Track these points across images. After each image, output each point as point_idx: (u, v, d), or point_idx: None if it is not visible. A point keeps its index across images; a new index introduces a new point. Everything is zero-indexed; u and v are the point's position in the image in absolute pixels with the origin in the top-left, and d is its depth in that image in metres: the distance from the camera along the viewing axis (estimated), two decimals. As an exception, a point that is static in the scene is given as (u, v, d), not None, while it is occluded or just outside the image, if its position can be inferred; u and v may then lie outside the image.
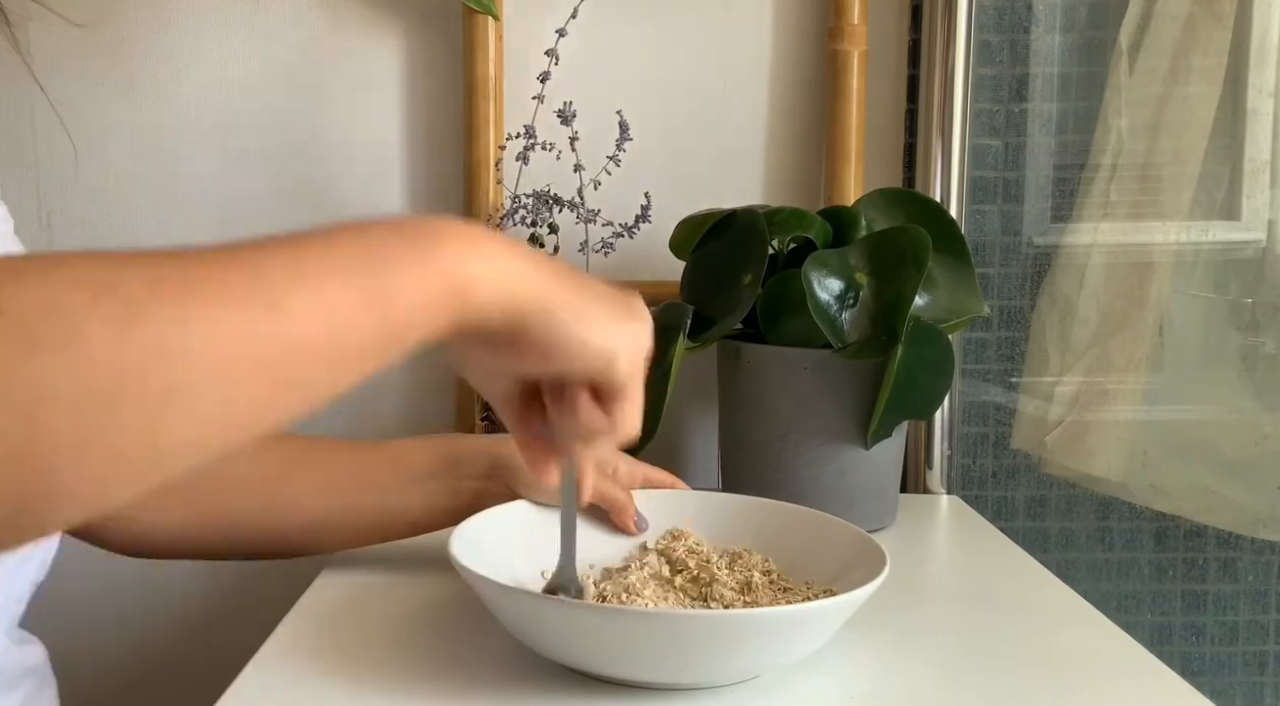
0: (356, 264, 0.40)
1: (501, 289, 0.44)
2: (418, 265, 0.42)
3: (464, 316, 0.43)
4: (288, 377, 0.38)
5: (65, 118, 1.04)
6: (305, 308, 0.38)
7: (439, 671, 0.63)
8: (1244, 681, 1.16)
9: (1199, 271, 1.09)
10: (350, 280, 0.40)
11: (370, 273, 0.40)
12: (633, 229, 0.95)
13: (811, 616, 0.58)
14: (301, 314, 0.38)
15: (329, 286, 0.39)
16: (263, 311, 0.37)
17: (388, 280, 0.40)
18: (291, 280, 0.38)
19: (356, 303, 0.39)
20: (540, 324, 0.45)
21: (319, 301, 0.38)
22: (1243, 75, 1.05)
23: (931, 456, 1.04)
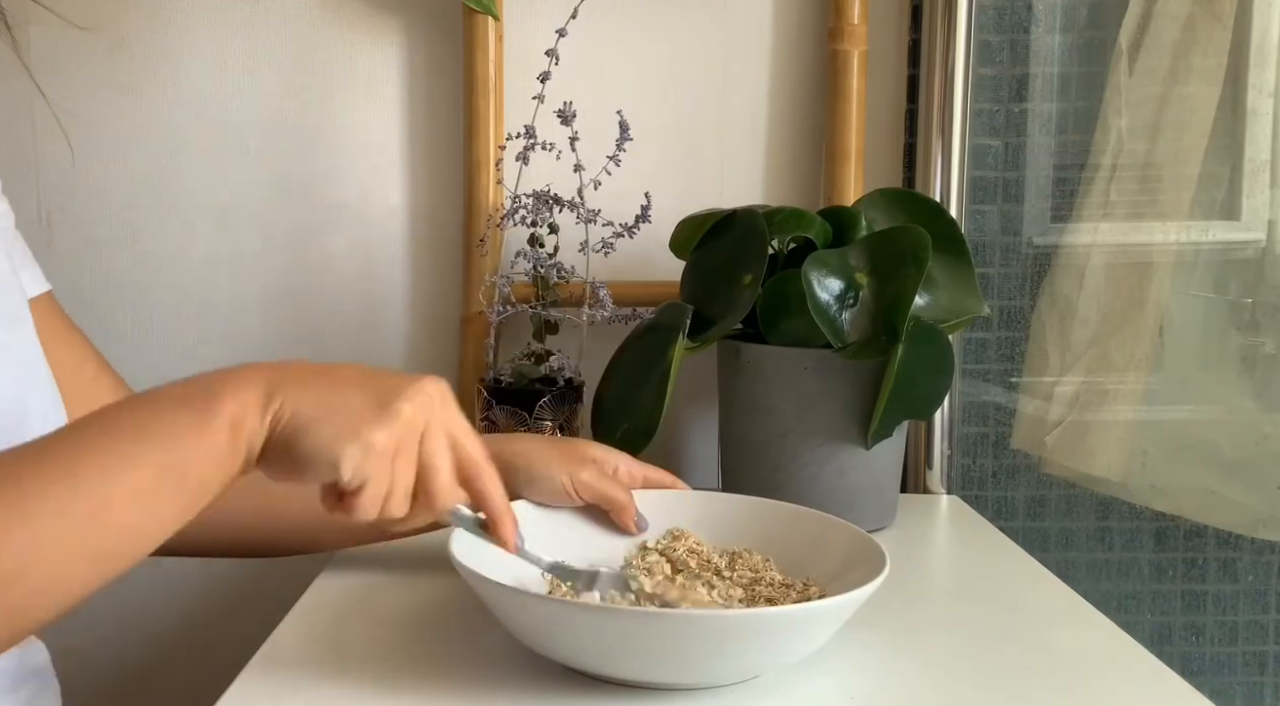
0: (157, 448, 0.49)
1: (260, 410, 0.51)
2: (205, 431, 0.50)
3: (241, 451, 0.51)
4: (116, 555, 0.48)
5: (66, 117, 1.04)
6: (122, 501, 0.47)
7: (439, 671, 0.63)
8: (1244, 681, 1.16)
9: (1199, 271, 1.09)
10: (153, 465, 0.48)
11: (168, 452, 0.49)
12: (633, 229, 0.95)
13: (811, 616, 0.58)
14: (120, 506, 0.47)
15: (137, 477, 0.48)
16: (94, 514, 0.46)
17: (183, 454, 0.49)
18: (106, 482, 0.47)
19: (161, 484, 0.48)
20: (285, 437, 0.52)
21: (132, 492, 0.47)
22: (1243, 75, 1.05)
23: (931, 456, 1.04)
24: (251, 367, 0.53)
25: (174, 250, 1.06)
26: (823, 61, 1.05)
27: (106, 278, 1.06)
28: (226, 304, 1.07)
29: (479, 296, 1.00)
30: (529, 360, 0.96)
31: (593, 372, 0.95)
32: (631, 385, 0.90)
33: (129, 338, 1.06)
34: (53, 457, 0.47)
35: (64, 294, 0.81)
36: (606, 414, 0.92)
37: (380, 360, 1.08)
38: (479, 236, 1.01)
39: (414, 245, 1.07)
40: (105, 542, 0.47)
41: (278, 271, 1.07)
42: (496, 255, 1.03)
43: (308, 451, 0.52)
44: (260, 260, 1.07)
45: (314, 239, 1.07)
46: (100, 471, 0.47)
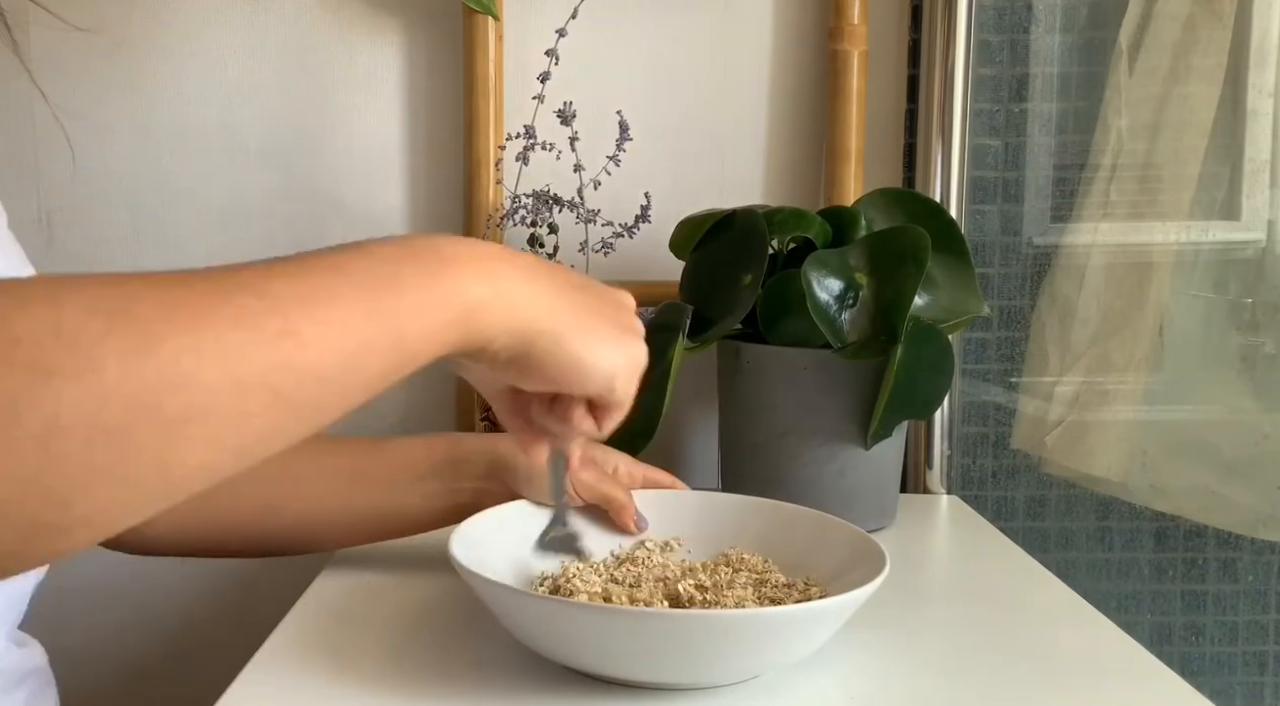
0: (367, 289, 0.40)
1: (508, 315, 0.45)
2: (427, 291, 0.42)
3: (470, 340, 0.44)
4: (299, 402, 0.38)
5: (66, 117, 1.04)
6: (318, 334, 0.38)
7: (439, 671, 0.63)
8: (1244, 681, 1.16)
9: (1199, 271, 1.09)
10: (361, 306, 0.40)
11: (381, 298, 0.40)
12: (633, 229, 0.95)
13: (811, 616, 0.58)
14: (314, 340, 0.38)
15: (340, 313, 0.39)
16: (276, 338, 0.37)
17: (398, 306, 0.41)
18: (303, 305, 0.38)
19: (368, 329, 0.40)
20: (546, 350, 0.47)
21: (331, 328, 0.39)
22: (1243, 75, 1.05)
23: (931, 456, 1.04)
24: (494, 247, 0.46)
25: (174, 250, 1.06)
26: (823, 61, 1.05)
27: (106, 278, 1.06)
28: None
29: (479, 296, 1.00)
30: (529, 360, 0.96)
31: (593, 373, 0.95)
32: (631, 385, 0.90)
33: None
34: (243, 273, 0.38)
35: (64, 294, 0.81)
36: (606, 414, 0.92)
37: (380, 360, 1.08)
38: (479, 236, 1.01)
39: (414, 245, 1.07)
40: (289, 380, 0.37)
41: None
42: (496, 255, 1.03)
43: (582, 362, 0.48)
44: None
45: (314, 239, 1.07)
46: (297, 296, 0.38)
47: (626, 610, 0.60)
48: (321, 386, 0.38)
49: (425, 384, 1.08)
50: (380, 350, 0.40)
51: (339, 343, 0.39)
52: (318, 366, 0.38)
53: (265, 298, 0.37)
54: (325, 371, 0.38)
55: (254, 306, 0.37)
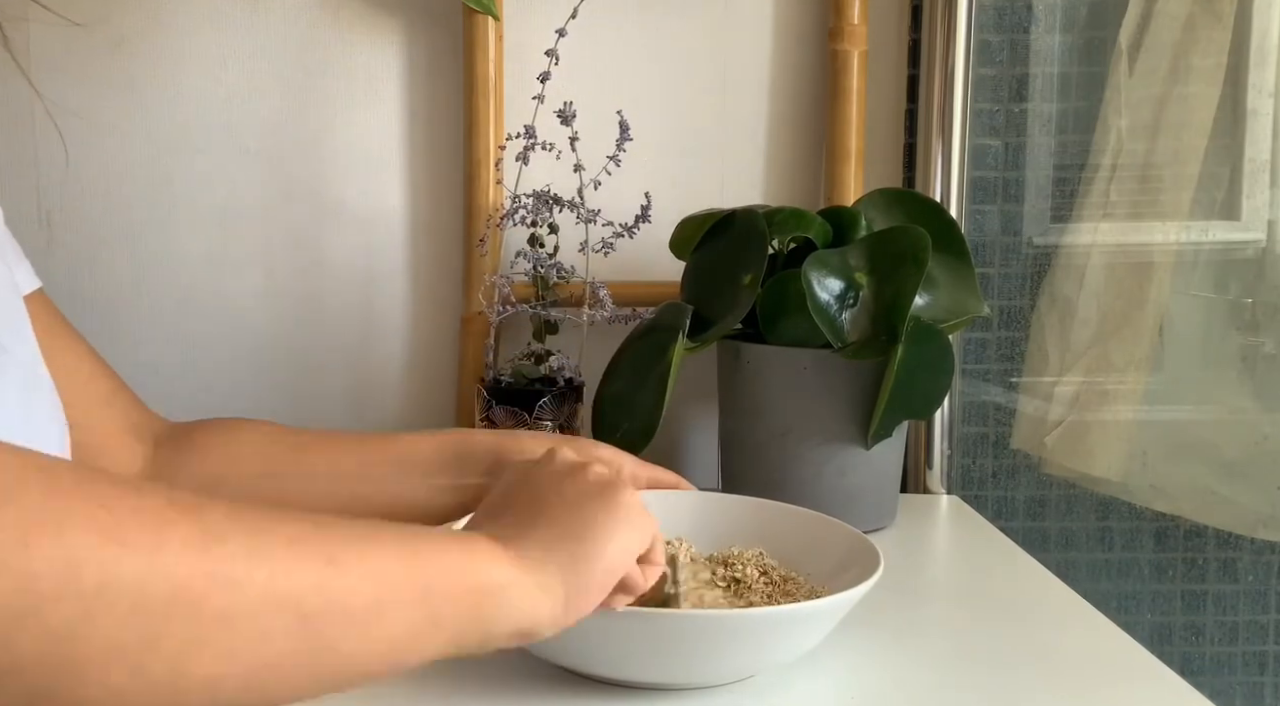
0: (406, 544, 0.43)
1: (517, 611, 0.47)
2: (457, 559, 0.45)
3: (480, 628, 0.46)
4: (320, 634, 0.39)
5: (66, 117, 1.04)
6: (357, 569, 0.40)
7: (438, 670, 0.62)
8: (1244, 681, 1.16)
9: (1199, 271, 1.09)
10: (399, 554, 0.42)
11: (417, 554, 0.43)
12: (633, 229, 0.95)
13: (804, 616, 0.58)
14: (353, 574, 0.40)
15: (381, 555, 0.41)
16: (323, 564, 0.39)
17: (431, 565, 0.43)
18: (349, 543, 0.41)
19: (401, 577, 0.42)
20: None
21: (370, 567, 0.41)
22: (1243, 75, 1.05)
23: (931, 456, 1.04)
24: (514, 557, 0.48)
25: (174, 250, 1.06)
26: (823, 61, 1.05)
27: (106, 278, 1.06)
28: (226, 304, 1.07)
29: (479, 296, 1.00)
30: (529, 360, 0.96)
31: (593, 372, 0.95)
32: (631, 385, 0.90)
33: (129, 338, 1.06)
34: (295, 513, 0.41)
35: (64, 294, 0.81)
36: (606, 414, 0.92)
37: (380, 360, 1.08)
38: (479, 236, 1.01)
39: (414, 245, 1.07)
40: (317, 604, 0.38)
41: (278, 271, 1.07)
42: (496, 255, 1.03)
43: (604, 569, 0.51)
44: (260, 260, 1.07)
45: (314, 239, 1.07)
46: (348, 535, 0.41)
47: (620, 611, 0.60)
48: (346, 623, 0.40)
49: (426, 384, 1.08)
50: (407, 601, 0.42)
51: (374, 584, 0.41)
52: (348, 600, 0.40)
53: (320, 527, 0.40)
54: (353, 607, 0.40)
55: (308, 531, 0.40)
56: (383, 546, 0.42)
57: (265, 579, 0.37)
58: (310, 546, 0.39)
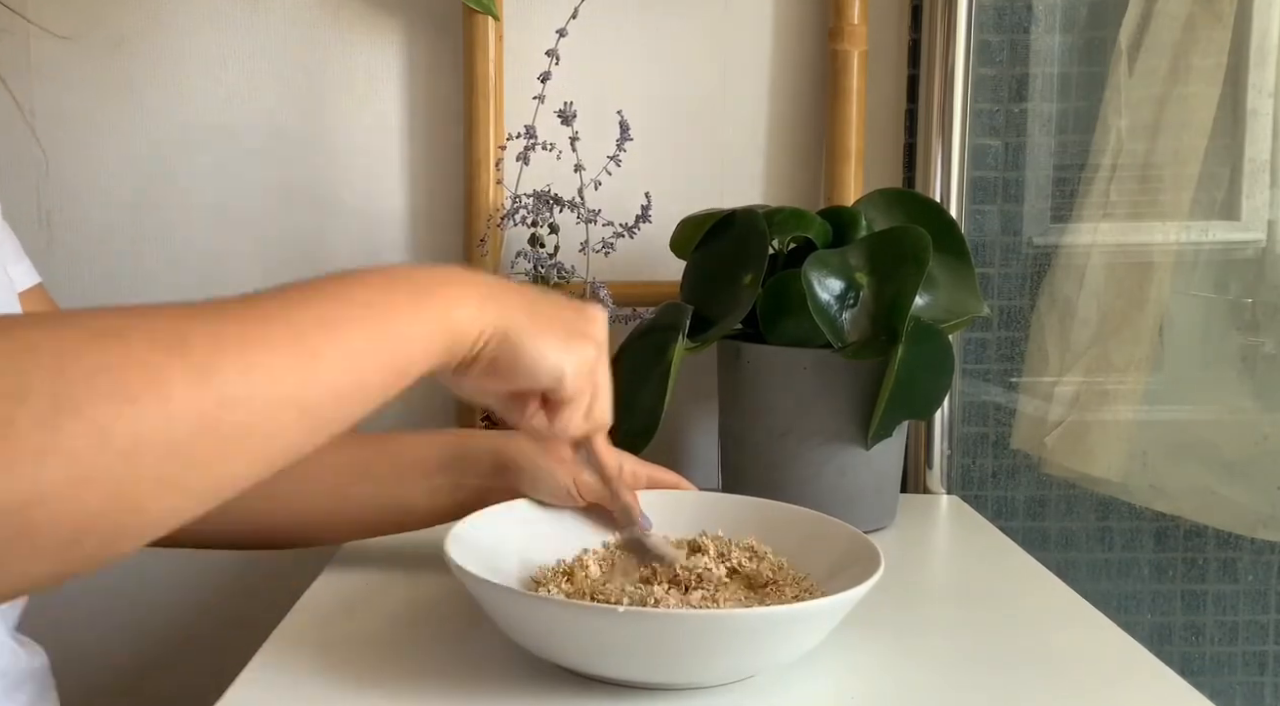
0: (373, 315, 0.48)
1: (480, 328, 0.53)
2: (419, 314, 0.50)
3: (452, 352, 0.53)
4: (320, 416, 0.45)
5: (64, 117, 1.04)
6: (336, 357, 0.45)
7: (438, 671, 0.63)
8: (1244, 681, 1.16)
9: (1199, 271, 1.09)
10: (369, 330, 0.47)
11: (384, 322, 0.48)
12: (633, 229, 0.95)
13: (805, 616, 0.58)
14: (334, 362, 0.45)
15: (353, 337, 0.46)
16: (307, 361, 0.44)
17: (397, 329, 0.49)
18: (323, 332, 0.45)
19: (375, 350, 0.47)
20: (506, 351, 0.54)
21: (346, 351, 0.46)
22: (1243, 75, 1.05)
23: (931, 456, 1.04)
24: (459, 270, 0.54)
25: (174, 250, 1.06)
26: (823, 61, 1.05)
27: (106, 277, 1.06)
28: (226, 304, 1.07)
29: (479, 296, 1.00)
30: (529, 360, 0.96)
31: (593, 372, 0.95)
32: (631, 385, 0.90)
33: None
34: (258, 304, 0.45)
35: (64, 294, 0.81)
36: (606, 414, 0.92)
37: (380, 360, 1.08)
38: (479, 236, 1.01)
39: (414, 245, 1.07)
40: (313, 396, 0.44)
41: (278, 271, 1.07)
42: (496, 255, 1.03)
43: (532, 359, 0.55)
44: (260, 260, 1.07)
45: (314, 239, 1.07)
46: (313, 322, 0.45)
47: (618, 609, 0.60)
48: (337, 401, 0.46)
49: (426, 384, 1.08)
50: (384, 366, 0.48)
51: (352, 363, 0.46)
52: (335, 383, 0.45)
53: (292, 325, 0.44)
54: (341, 387, 0.46)
55: (285, 334, 0.44)
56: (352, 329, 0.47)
57: (262, 392, 0.42)
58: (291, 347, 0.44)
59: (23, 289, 0.72)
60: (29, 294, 0.73)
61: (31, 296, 0.73)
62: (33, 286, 0.74)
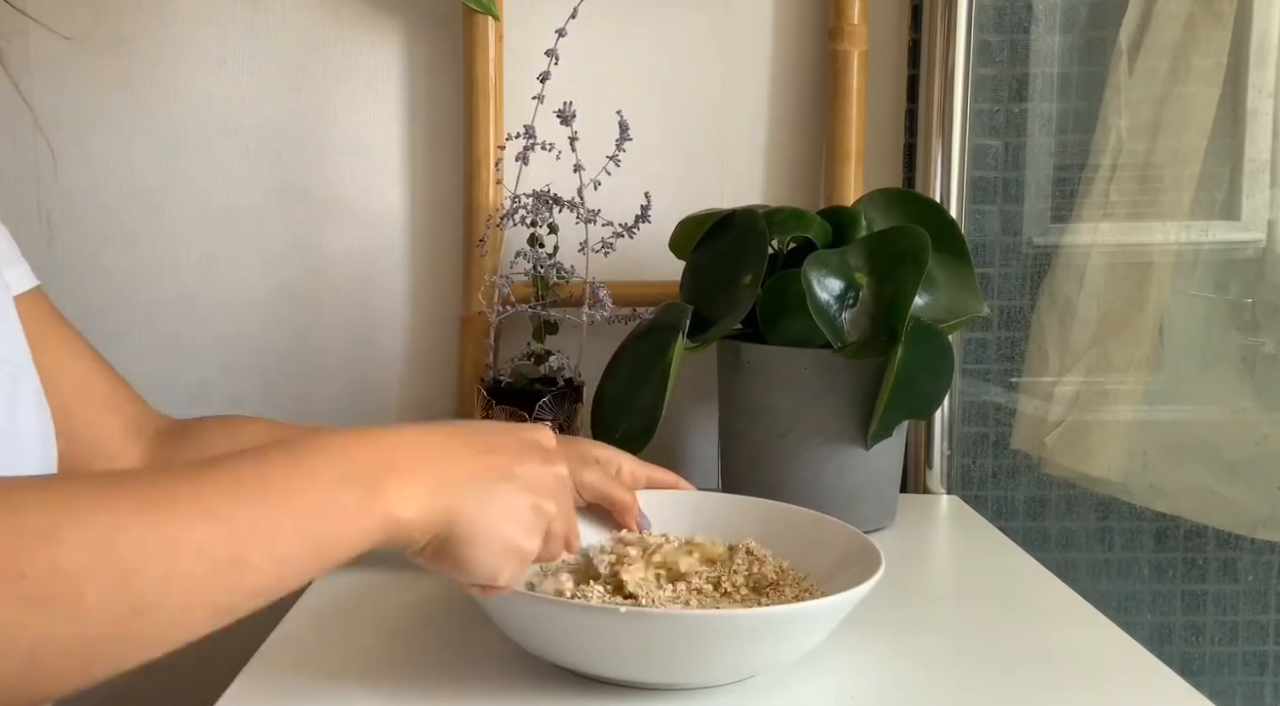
0: (312, 520, 0.47)
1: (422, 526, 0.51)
2: (364, 516, 0.49)
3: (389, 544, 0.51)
4: (233, 611, 0.45)
5: (65, 117, 1.04)
6: (266, 564, 0.45)
7: (438, 671, 0.63)
8: (1244, 681, 1.16)
9: (1199, 271, 1.09)
10: (307, 533, 0.47)
11: (325, 525, 0.47)
12: (633, 229, 0.95)
13: (805, 616, 0.58)
14: (262, 568, 0.45)
15: (288, 542, 0.46)
16: (235, 569, 0.44)
17: (338, 531, 0.48)
18: (258, 538, 0.45)
19: (309, 553, 0.47)
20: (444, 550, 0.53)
21: (279, 558, 0.46)
22: (1243, 75, 1.05)
23: (931, 456, 1.04)
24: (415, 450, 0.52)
25: (174, 250, 1.06)
26: (823, 61, 1.05)
27: (106, 278, 1.06)
28: (226, 304, 1.07)
29: (479, 296, 1.00)
30: (529, 360, 0.96)
31: (593, 372, 0.95)
32: (631, 385, 0.90)
33: (129, 338, 1.06)
34: (206, 494, 0.45)
35: (64, 294, 0.81)
36: (606, 414, 0.92)
37: (380, 360, 1.08)
38: (479, 236, 1.01)
39: (414, 245, 1.07)
40: (228, 599, 0.45)
41: (277, 271, 1.07)
42: (496, 255, 1.03)
43: (470, 563, 0.53)
44: (260, 260, 1.07)
45: (314, 238, 1.07)
46: (251, 526, 0.45)
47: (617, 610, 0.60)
48: (255, 599, 0.46)
49: (426, 384, 1.08)
50: (312, 565, 0.48)
51: (280, 567, 0.46)
52: (259, 586, 0.45)
53: (225, 525, 0.44)
54: (262, 588, 0.46)
55: (217, 537, 0.44)
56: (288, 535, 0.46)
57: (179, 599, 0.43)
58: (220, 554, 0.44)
59: (19, 292, 0.72)
60: (26, 297, 0.73)
61: (29, 299, 0.73)
62: (30, 289, 0.74)
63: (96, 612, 0.40)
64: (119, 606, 0.41)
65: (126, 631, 0.41)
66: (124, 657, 0.42)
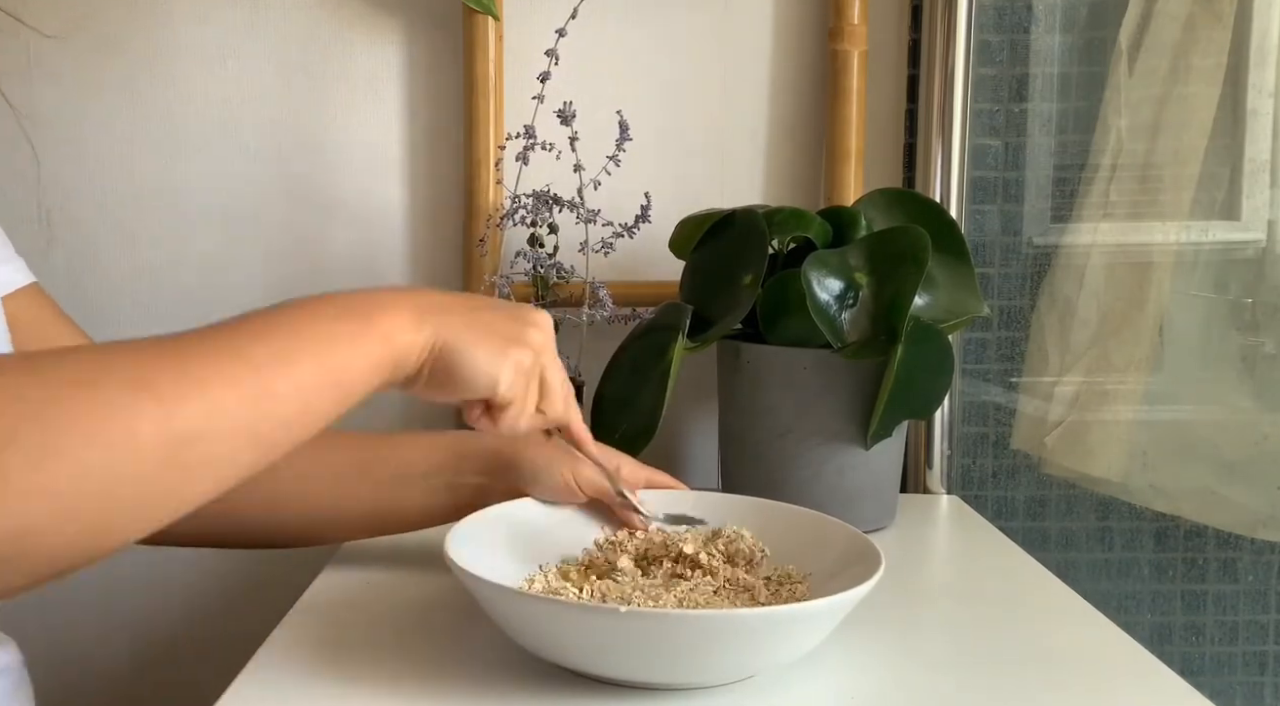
0: (323, 349, 0.52)
1: (418, 346, 0.57)
2: (364, 342, 0.54)
3: (395, 373, 0.57)
4: (271, 442, 0.50)
5: (64, 116, 1.04)
6: (289, 391, 0.50)
7: (438, 671, 0.63)
8: (1244, 681, 1.16)
9: (1199, 271, 1.09)
10: (319, 363, 0.52)
11: (333, 354, 0.53)
12: (633, 229, 0.95)
13: (806, 616, 0.58)
14: (285, 395, 0.50)
15: (304, 371, 0.51)
16: (263, 397, 0.49)
17: (344, 360, 0.53)
18: (278, 368, 0.50)
19: (324, 382, 0.52)
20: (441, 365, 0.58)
21: (298, 385, 0.51)
22: (1243, 75, 1.05)
23: (931, 456, 1.04)
24: (398, 292, 0.58)
25: (174, 250, 1.06)
26: (823, 61, 1.05)
27: (106, 278, 1.06)
28: (227, 304, 1.06)
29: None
30: (529, 360, 0.96)
31: (593, 372, 0.96)
32: (631, 385, 0.90)
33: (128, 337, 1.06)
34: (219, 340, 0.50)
35: (64, 294, 0.81)
36: (606, 414, 0.92)
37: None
38: (479, 236, 1.01)
39: (414, 245, 1.07)
40: (265, 427, 0.49)
41: (278, 271, 1.07)
42: (496, 255, 1.03)
43: (468, 371, 0.58)
44: (260, 260, 1.07)
45: (314, 238, 1.07)
46: (268, 357, 0.50)
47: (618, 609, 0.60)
48: (288, 429, 0.51)
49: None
50: (330, 393, 0.53)
51: (301, 394, 0.51)
52: (286, 415, 0.50)
53: (250, 362, 0.49)
54: (290, 417, 0.51)
55: (243, 372, 0.49)
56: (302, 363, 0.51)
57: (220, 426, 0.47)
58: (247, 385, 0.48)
59: (10, 290, 0.72)
60: (21, 294, 0.73)
61: (24, 295, 0.73)
62: (26, 286, 0.74)
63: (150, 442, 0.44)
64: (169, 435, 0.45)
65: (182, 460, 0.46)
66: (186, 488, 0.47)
